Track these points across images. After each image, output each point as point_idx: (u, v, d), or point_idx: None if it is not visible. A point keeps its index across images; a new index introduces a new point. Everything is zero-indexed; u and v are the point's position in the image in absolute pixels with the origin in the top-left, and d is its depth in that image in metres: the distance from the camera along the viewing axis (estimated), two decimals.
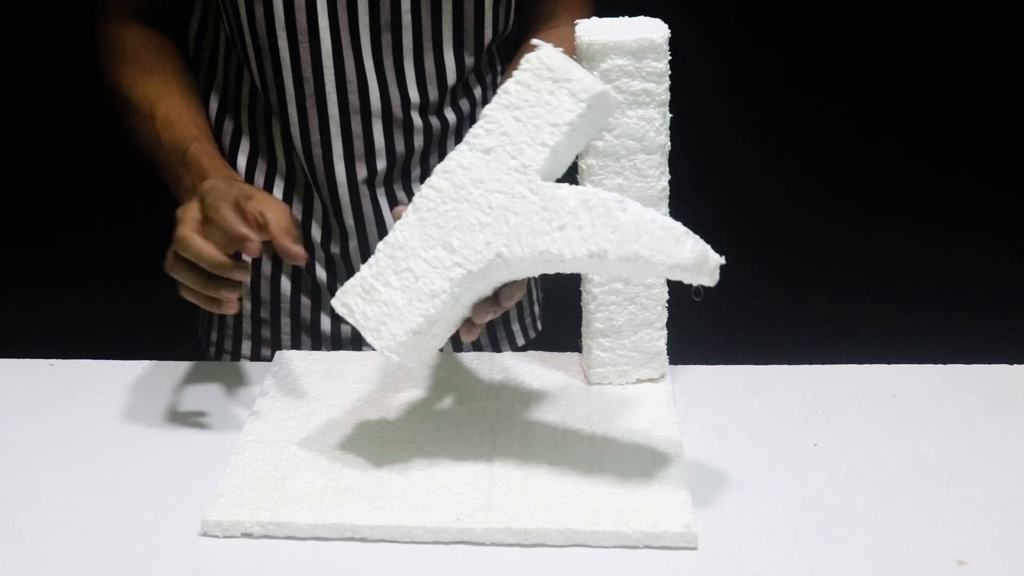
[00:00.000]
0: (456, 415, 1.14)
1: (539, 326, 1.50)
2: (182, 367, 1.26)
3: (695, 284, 0.95)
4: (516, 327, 1.47)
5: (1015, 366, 1.23)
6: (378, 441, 1.09)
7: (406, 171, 1.33)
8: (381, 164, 1.31)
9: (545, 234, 0.97)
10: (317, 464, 1.06)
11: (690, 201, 1.20)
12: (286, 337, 1.38)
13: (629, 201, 0.95)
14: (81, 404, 1.18)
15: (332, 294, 1.27)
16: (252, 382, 1.21)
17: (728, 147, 2.00)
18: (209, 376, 1.24)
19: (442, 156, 1.33)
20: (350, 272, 1.33)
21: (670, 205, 1.15)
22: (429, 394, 1.17)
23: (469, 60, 1.32)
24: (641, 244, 0.93)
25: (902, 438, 1.11)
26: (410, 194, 1.34)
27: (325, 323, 1.38)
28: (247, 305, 1.38)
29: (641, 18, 1.12)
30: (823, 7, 1.96)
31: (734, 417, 1.15)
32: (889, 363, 1.24)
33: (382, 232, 1.33)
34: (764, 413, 1.15)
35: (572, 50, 1.27)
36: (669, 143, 1.13)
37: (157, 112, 1.26)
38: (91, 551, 0.97)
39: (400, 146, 1.31)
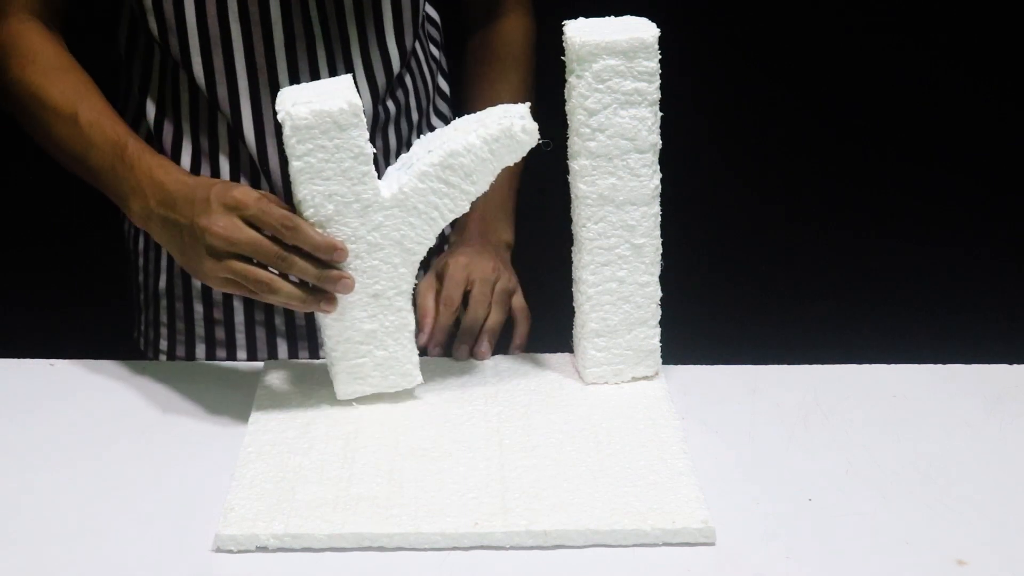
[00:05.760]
0: (457, 419, 1.13)
1: None
2: (181, 367, 1.26)
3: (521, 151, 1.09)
4: None
5: (1015, 366, 1.23)
6: (382, 448, 1.08)
7: None
8: None
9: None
10: (324, 474, 1.04)
11: (690, 201, 1.20)
12: (240, 336, 1.37)
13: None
14: (81, 404, 1.17)
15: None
16: (244, 384, 1.20)
17: (727, 146, 2.00)
18: (205, 378, 1.23)
19: (385, 143, 1.35)
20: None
21: (670, 206, 1.15)
22: (425, 399, 1.17)
23: (410, 42, 1.34)
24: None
25: (902, 438, 1.11)
26: None
27: (279, 320, 1.37)
28: (199, 308, 1.37)
29: (628, 18, 1.12)
30: (819, 4, 1.96)
31: (734, 417, 1.15)
32: (889, 363, 1.24)
33: None
34: (764, 413, 1.15)
35: (524, 40, 1.37)
36: (660, 141, 1.13)
37: (80, 112, 1.20)
38: (92, 556, 0.96)
39: None
